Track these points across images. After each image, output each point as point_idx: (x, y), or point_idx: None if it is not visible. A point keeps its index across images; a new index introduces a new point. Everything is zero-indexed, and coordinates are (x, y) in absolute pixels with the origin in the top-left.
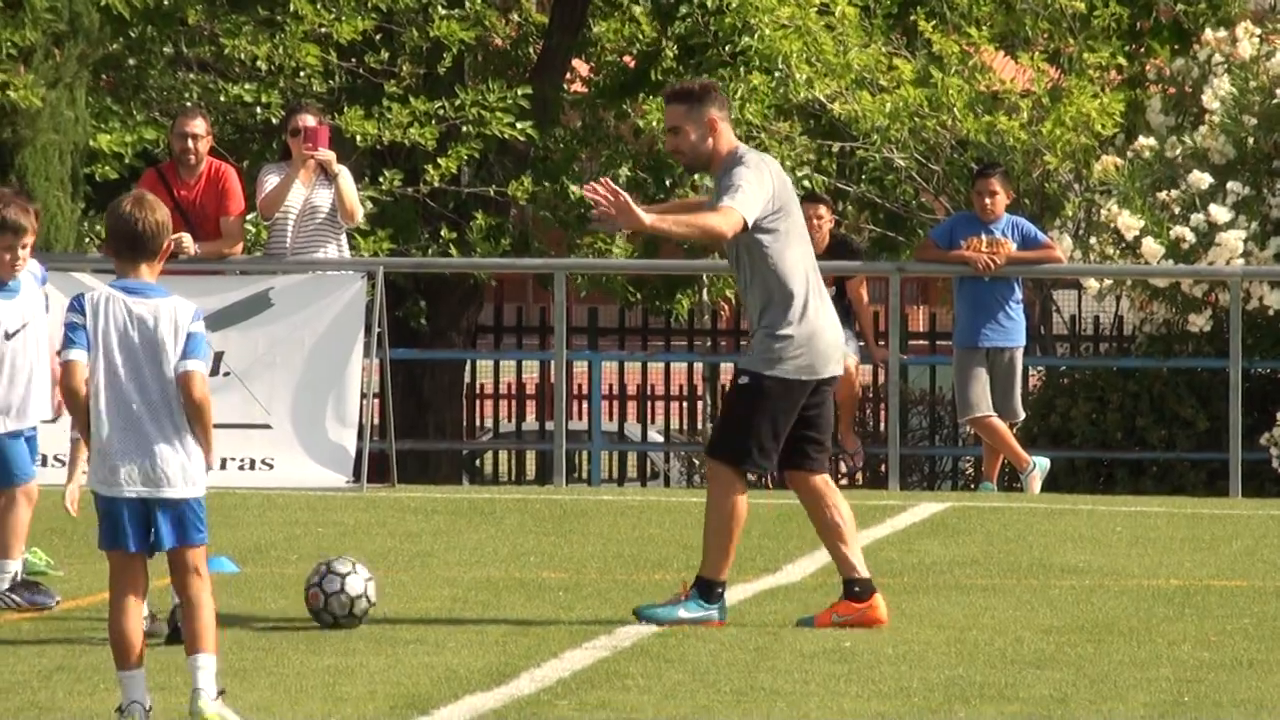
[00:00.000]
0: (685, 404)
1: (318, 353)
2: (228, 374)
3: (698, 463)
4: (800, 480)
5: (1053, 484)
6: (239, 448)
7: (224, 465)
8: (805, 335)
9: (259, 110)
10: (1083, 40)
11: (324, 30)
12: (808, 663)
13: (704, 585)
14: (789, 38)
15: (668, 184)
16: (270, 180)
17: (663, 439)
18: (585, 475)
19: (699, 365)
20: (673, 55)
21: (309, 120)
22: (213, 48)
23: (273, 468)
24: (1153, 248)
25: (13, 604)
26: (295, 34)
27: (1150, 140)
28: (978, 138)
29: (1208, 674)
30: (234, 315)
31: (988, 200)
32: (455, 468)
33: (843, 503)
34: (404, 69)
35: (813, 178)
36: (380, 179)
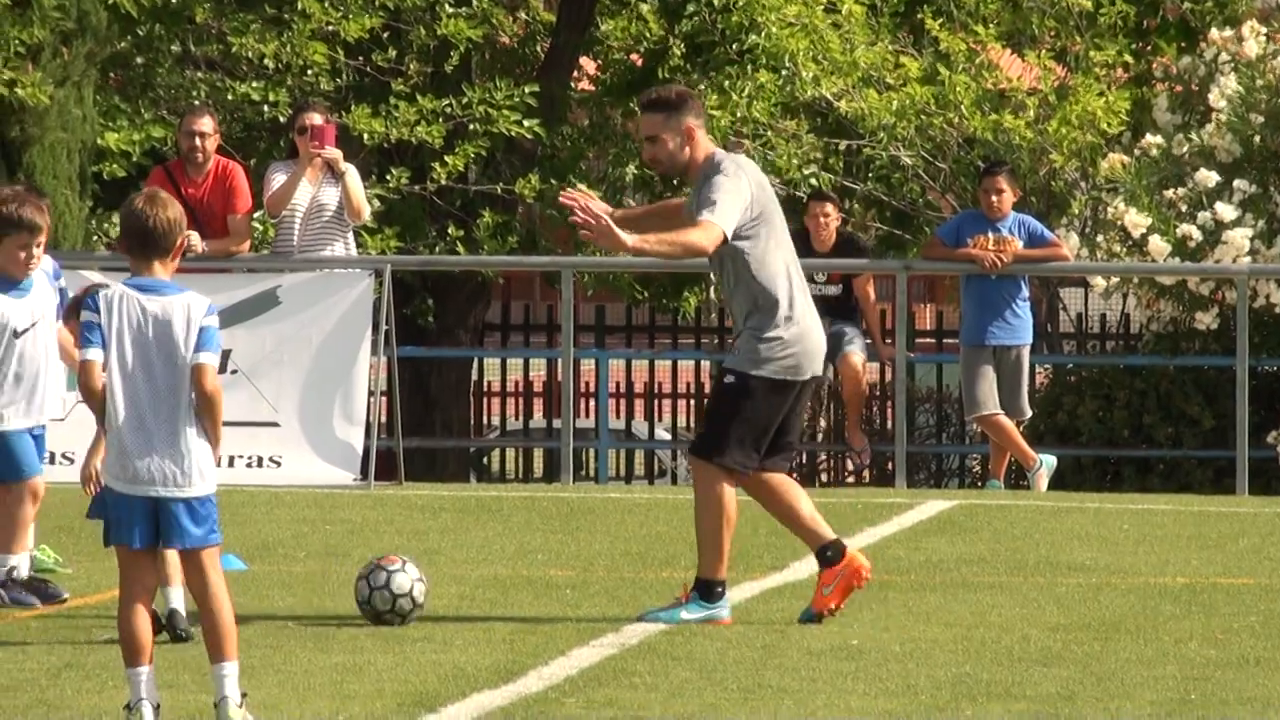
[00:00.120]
0: (692, 401)
1: (325, 350)
2: (235, 372)
3: None
4: (755, 480)
5: (1059, 482)
6: (246, 445)
7: (231, 463)
8: (795, 336)
9: (266, 108)
10: (1089, 38)
11: (331, 28)
12: (815, 660)
13: (703, 586)
14: (796, 36)
15: (675, 182)
16: (277, 178)
17: (670, 437)
18: (592, 473)
19: (706, 363)
20: (680, 53)
21: (316, 118)
22: (220, 46)
23: (280, 465)
24: (1159, 246)
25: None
26: (303, 32)
27: (1157, 138)
28: (984, 136)
29: (1214, 672)
30: (241, 313)
31: (994, 198)
32: (462, 465)
33: (790, 483)
34: (411, 67)
35: (819, 175)
36: (387, 177)
